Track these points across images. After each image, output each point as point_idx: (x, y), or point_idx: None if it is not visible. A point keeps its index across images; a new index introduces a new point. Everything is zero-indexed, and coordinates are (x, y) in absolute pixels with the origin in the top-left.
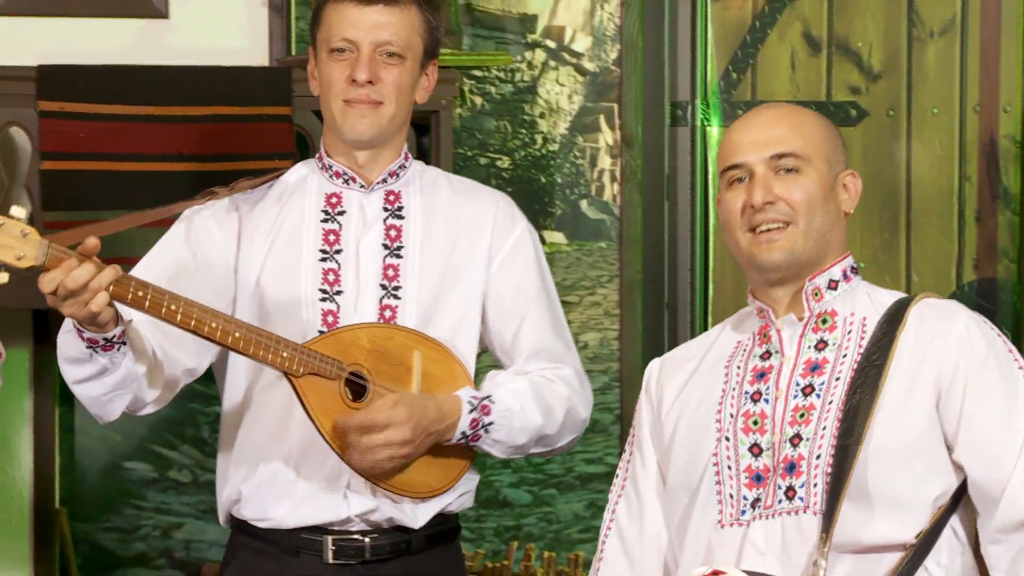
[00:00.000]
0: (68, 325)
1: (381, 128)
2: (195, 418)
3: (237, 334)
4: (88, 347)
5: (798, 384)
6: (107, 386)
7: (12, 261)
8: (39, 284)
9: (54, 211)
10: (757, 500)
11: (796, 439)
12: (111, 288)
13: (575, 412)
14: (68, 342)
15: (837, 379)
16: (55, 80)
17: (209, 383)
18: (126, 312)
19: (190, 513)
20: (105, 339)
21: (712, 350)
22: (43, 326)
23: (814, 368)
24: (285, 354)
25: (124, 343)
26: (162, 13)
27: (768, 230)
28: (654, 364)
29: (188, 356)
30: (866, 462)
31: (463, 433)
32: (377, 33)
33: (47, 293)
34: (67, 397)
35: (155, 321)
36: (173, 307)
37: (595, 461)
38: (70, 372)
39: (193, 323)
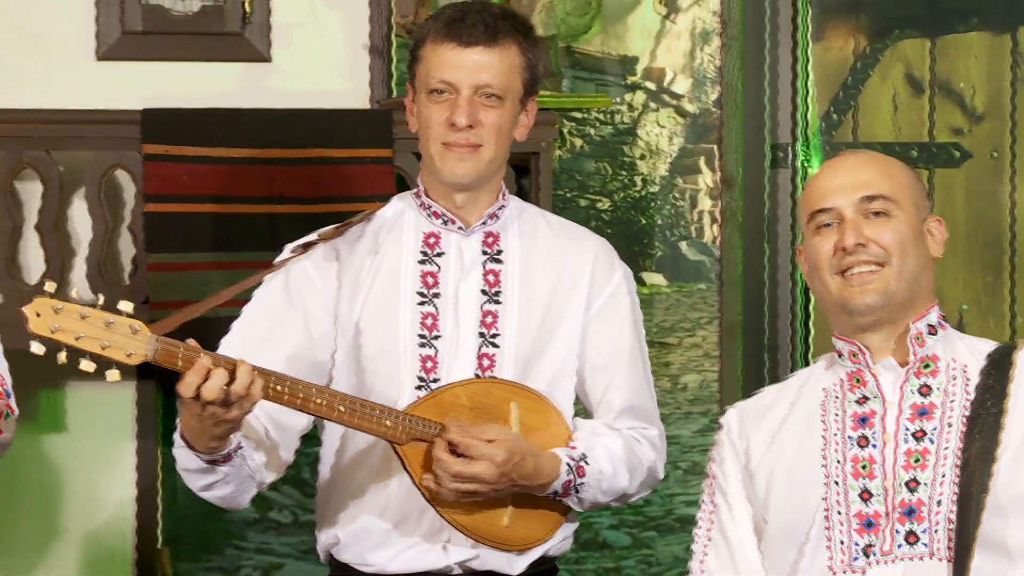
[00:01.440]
0: (180, 440)
1: (480, 171)
2: (296, 459)
3: (341, 408)
4: (208, 462)
5: (907, 428)
6: (232, 487)
7: (123, 359)
8: (178, 390)
9: (157, 253)
10: (870, 546)
11: (913, 483)
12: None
13: (655, 473)
14: (186, 456)
15: (949, 425)
16: (159, 123)
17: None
18: None
19: (290, 554)
20: (223, 454)
21: (801, 398)
22: (146, 368)
23: (922, 412)
24: (388, 423)
25: (242, 447)
26: (264, 56)
27: (860, 272)
28: (731, 414)
29: (299, 416)
30: (992, 510)
31: (554, 491)
32: (477, 75)
33: (187, 397)
34: (170, 437)
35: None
36: (280, 388)
37: (695, 503)
38: (192, 481)
39: (300, 402)
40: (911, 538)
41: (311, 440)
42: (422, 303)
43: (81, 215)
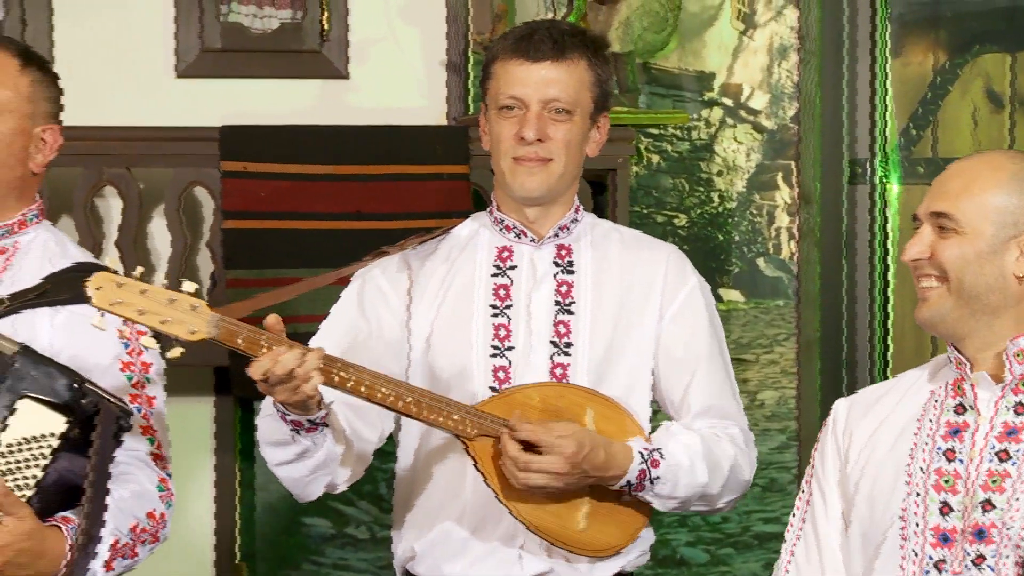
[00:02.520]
0: (269, 408)
1: (550, 185)
2: (373, 474)
3: (409, 399)
4: (292, 430)
5: (993, 447)
6: (308, 468)
7: (184, 336)
8: (248, 371)
9: (235, 269)
10: (942, 561)
11: (988, 505)
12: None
13: (739, 472)
14: (270, 425)
15: None
16: (237, 140)
17: (387, 440)
18: (327, 395)
19: (368, 569)
20: (310, 421)
21: (906, 398)
22: (224, 383)
23: (1011, 433)
24: (457, 417)
25: (326, 424)
26: (342, 74)
27: (921, 287)
28: (841, 404)
29: (372, 429)
30: None
31: (628, 483)
32: (545, 90)
33: (256, 379)
34: (248, 453)
35: (344, 398)
36: (344, 375)
37: (772, 520)
38: (272, 454)
39: (365, 391)
40: (978, 560)
41: (388, 456)
42: (495, 314)
43: (160, 232)
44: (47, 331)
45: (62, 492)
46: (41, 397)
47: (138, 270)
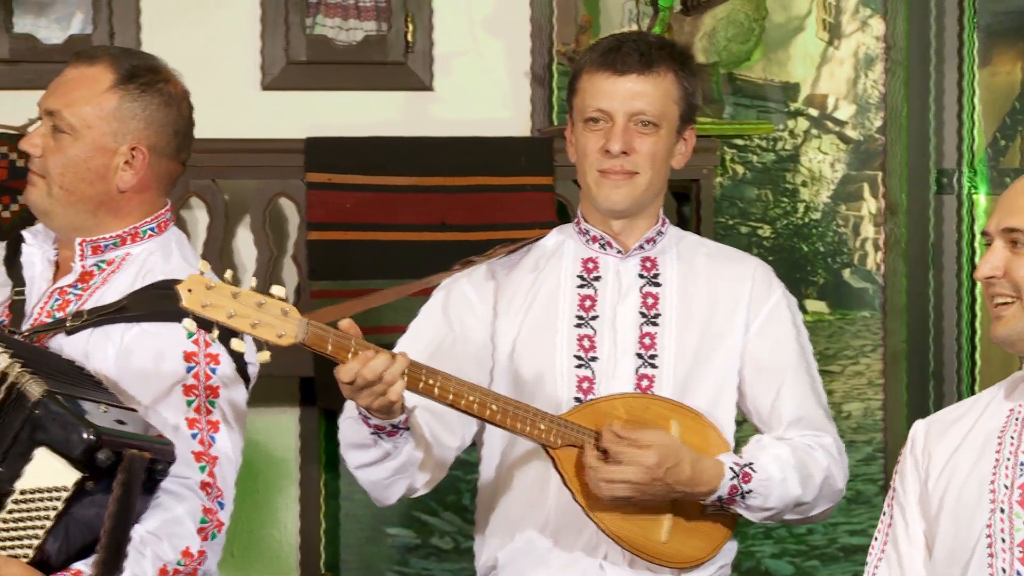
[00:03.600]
0: (351, 411)
1: (636, 198)
2: (456, 485)
3: (494, 407)
4: (373, 433)
5: None
6: (389, 471)
7: (273, 339)
8: (336, 374)
9: (320, 281)
10: None
11: None
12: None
13: (832, 482)
14: (352, 428)
15: None
16: (322, 152)
17: (471, 450)
18: (408, 399)
19: None
20: (392, 425)
21: (984, 416)
22: (309, 393)
23: None
24: (542, 426)
25: (407, 428)
26: (427, 85)
27: (995, 305)
28: (920, 426)
29: (453, 435)
30: None
31: (719, 498)
32: (631, 103)
33: (344, 383)
34: (333, 463)
35: (425, 403)
36: (431, 381)
37: (858, 533)
38: (353, 457)
39: (451, 397)
40: None
41: (471, 466)
42: (579, 325)
43: (246, 243)
44: (115, 348)
45: (87, 538)
46: (57, 449)
47: (229, 274)
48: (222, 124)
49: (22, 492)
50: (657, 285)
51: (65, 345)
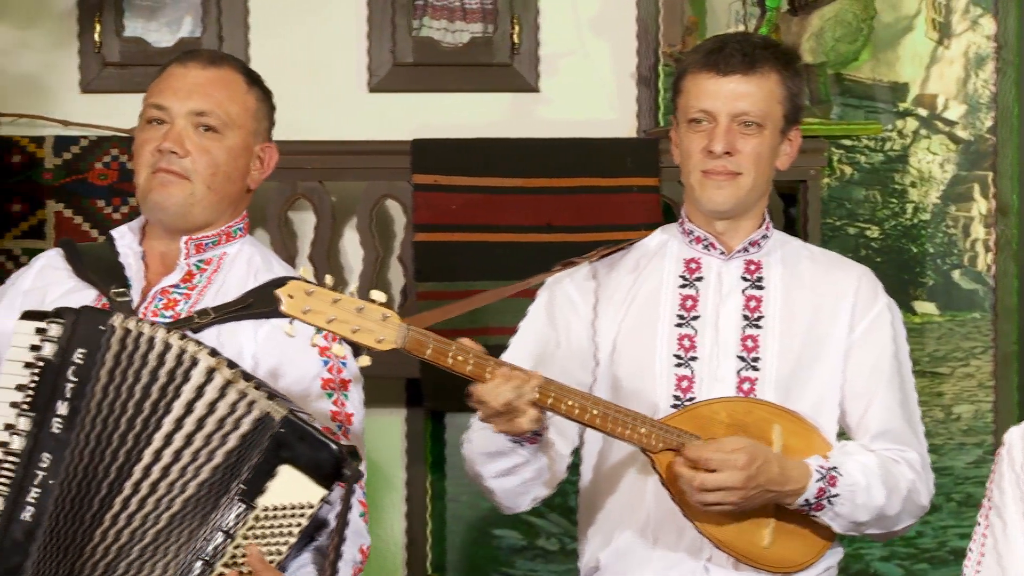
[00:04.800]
0: (484, 421)
1: (739, 199)
2: (563, 487)
3: (595, 411)
4: (512, 440)
5: None
6: (524, 478)
7: (373, 344)
8: (474, 393)
9: (426, 282)
10: None
11: None
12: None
13: (917, 497)
14: (487, 437)
15: None
16: (429, 154)
17: (576, 453)
18: None
19: None
20: (534, 432)
21: None
22: (416, 394)
23: None
24: (643, 430)
25: (544, 436)
26: (532, 87)
27: None
28: (1014, 433)
29: (566, 441)
30: None
31: (807, 500)
32: (734, 104)
33: (477, 403)
34: (438, 464)
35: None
36: (556, 398)
37: (968, 536)
38: (488, 466)
39: (551, 402)
40: None
41: (576, 468)
42: (680, 325)
43: (352, 244)
44: (251, 344)
45: (302, 546)
46: (303, 466)
47: (329, 279)
48: (329, 126)
49: (264, 509)
50: (760, 288)
51: None
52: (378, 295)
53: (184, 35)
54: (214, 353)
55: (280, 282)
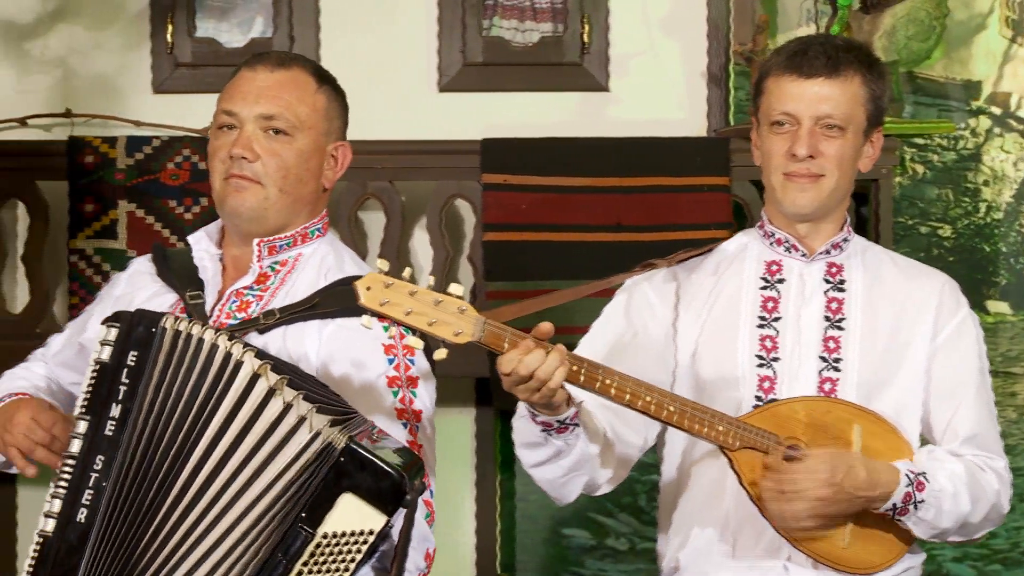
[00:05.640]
0: (522, 410)
1: (822, 201)
2: (632, 486)
3: (671, 408)
4: (543, 431)
5: None
6: (563, 468)
7: (450, 337)
8: (497, 365)
9: (496, 281)
10: None
11: None
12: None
13: (1000, 506)
14: (523, 427)
15: None
16: (498, 153)
17: (648, 451)
18: (577, 395)
19: None
20: (559, 421)
21: None
22: (484, 394)
23: None
24: (720, 428)
25: (577, 424)
26: (602, 86)
27: None
28: None
29: (636, 434)
30: None
31: (893, 505)
32: (818, 106)
33: (504, 374)
34: (508, 464)
35: (606, 401)
36: (608, 381)
37: None
38: (527, 456)
39: (628, 397)
40: None
41: (647, 468)
42: (761, 325)
43: (422, 244)
44: (315, 343)
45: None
46: (364, 494)
47: (407, 272)
48: (399, 126)
49: (325, 536)
50: (842, 291)
51: (257, 343)
52: (456, 288)
53: (255, 35)
54: (261, 355)
55: (347, 281)
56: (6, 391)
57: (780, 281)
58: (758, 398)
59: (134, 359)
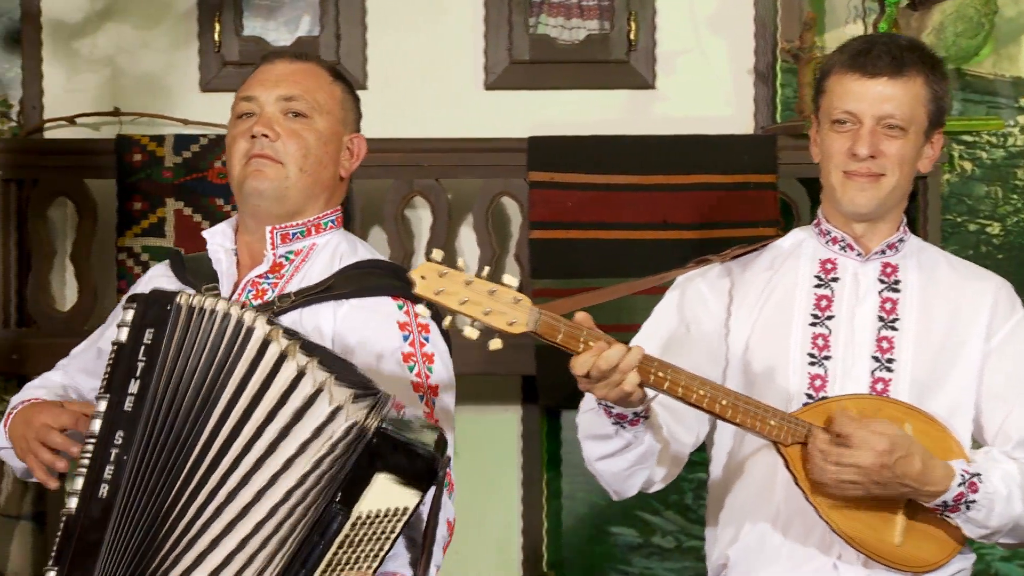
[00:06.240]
0: (590, 403)
1: (881, 200)
2: (679, 484)
3: (724, 402)
4: (615, 423)
5: None
6: (629, 461)
7: (504, 327)
8: (571, 366)
9: (543, 279)
10: None
11: None
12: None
13: None
14: (592, 419)
15: None
16: (545, 151)
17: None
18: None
19: None
20: (634, 414)
21: None
22: (531, 392)
23: None
24: (772, 422)
25: (648, 417)
26: (649, 83)
27: None
28: None
29: (688, 431)
30: None
31: (944, 502)
32: (880, 106)
33: (579, 375)
34: (554, 462)
35: (660, 399)
36: (661, 375)
37: None
38: (594, 448)
39: (681, 391)
40: None
41: (695, 466)
42: (814, 324)
43: (469, 242)
44: (330, 323)
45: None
46: (397, 475)
47: (461, 262)
48: (445, 124)
49: (359, 516)
50: (897, 291)
51: None
52: (510, 279)
53: (302, 34)
54: (271, 322)
55: (361, 264)
56: (20, 400)
57: (834, 280)
58: (808, 395)
59: (151, 337)
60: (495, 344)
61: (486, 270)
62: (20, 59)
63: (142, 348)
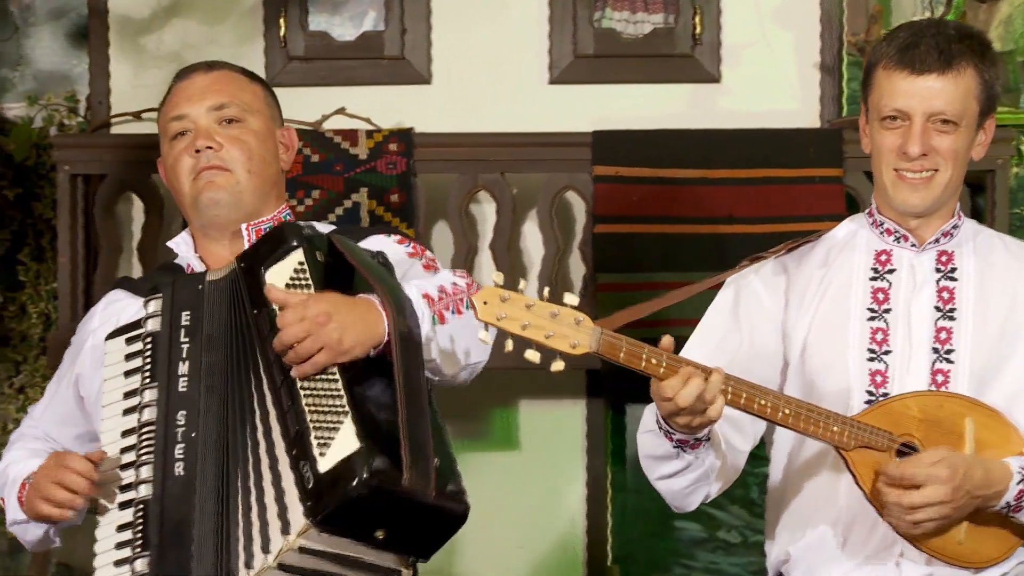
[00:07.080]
0: (650, 424)
1: (936, 197)
2: (745, 479)
3: (786, 410)
4: (676, 446)
5: None
6: (690, 480)
7: (567, 349)
8: (656, 389)
9: (607, 273)
10: None
11: None
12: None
13: None
14: (652, 441)
15: None
16: (609, 145)
17: (759, 444)
18: None
19: (739, 574)
20: (695, 439)
21: None
22: (596, 386)
23: None
24: (835, 428)
25: (709, 439)
26: (714, 77)
27: None
28: None
29: (744, 438)
30: None
31: (1007, 503)
32: (930, 103)
33: (664, 399)
34: (619, 456)
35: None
36: (723, 387)
37: None
38: (654, 469)
39: (743, 401)
40: None
41: (759, 460)
42: (872, 318)
43: (533, 236)
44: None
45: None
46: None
47: (522, 284)
48: (510, 118)
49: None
50: (953, 280)
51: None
52: (570, 299)
53: (367, 29)
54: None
55: (347, 229)
56: (21, 474)
57: (890, 271)
58: (869, 392)
59: (188, 318)
60: (557, 366)
61: (547, 291)
62: (88, 55)
63: (182, 330)
